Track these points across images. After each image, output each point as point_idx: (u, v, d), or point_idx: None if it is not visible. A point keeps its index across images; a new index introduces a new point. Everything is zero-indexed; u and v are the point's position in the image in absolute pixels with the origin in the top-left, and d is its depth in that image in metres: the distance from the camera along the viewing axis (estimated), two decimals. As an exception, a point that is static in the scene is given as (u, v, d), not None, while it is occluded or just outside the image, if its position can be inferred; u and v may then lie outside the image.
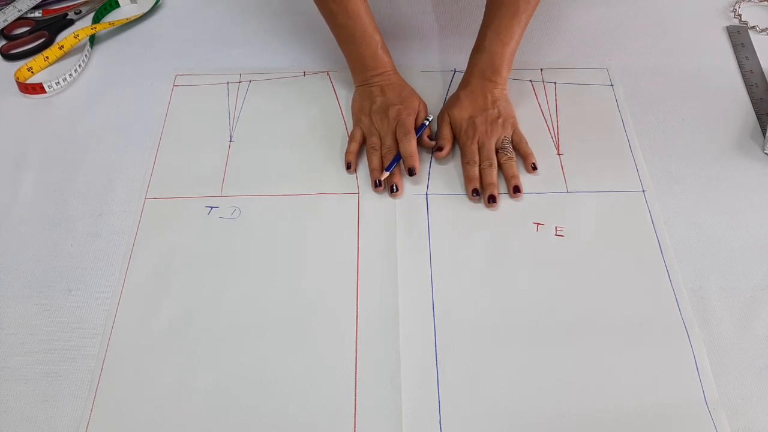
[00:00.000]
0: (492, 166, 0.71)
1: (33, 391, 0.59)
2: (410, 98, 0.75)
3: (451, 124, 0.75)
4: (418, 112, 0.75)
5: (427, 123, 0.75)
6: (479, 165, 0.71)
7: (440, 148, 0.73)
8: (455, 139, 0.75)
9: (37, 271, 0.67)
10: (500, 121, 0.73)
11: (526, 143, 0.74)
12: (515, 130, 0.74)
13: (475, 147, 0.72)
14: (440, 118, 0.76)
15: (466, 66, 0.77)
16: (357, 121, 0.76)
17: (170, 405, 0.58)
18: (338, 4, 0.72)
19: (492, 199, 0.69)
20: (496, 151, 0.72)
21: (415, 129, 0.73)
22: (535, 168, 0.72)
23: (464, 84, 0.76)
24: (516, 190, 0.70)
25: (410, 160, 0.70)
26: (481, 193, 0.70)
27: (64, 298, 0.64)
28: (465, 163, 0.72)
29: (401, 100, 0.74)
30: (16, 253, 0.68)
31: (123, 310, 0.63)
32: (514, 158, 0.72)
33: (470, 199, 0.70)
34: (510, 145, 0.73)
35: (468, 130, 0.73)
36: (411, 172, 0.70)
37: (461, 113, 0.74)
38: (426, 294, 0.64)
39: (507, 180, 0.71)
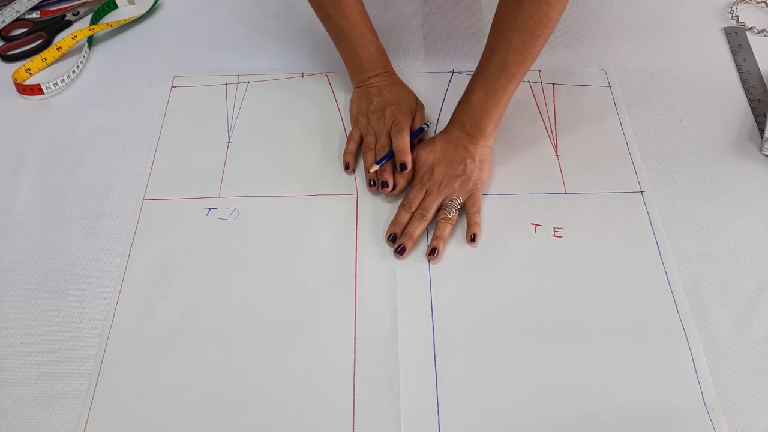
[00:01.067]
0: (423, 218, 0.67)
1: (31, 393, 0.59)
2: (407, 98, 0.75)
3: (414, 162, 0.71)
4: (416, 111, 0.75)
5: (426, 128, 0.74)
6: (413, 213, 0.68)
7: (393, 185, 0.70)
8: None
9: (35, 272, 0.66)
10: (460, 180, 0.69)
11: (476, 212, 0.68)
12: (473, 195, 0.68)
13: (420, 195, 0.68)
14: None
15: (464, 67, 0.76)
16: (355, 122, 0.76)
17: (169, 406, 0.58)
18: (334, 7, 0.72)
19: (401, 250, 0.65)
20: (440, 208, 0.68)
21: (412, 132, 0.73)
22: (473, 240, 0.66)
23: (444, 131, 0.72)
24: (432, 252, 0.65)
25: (401, 155, 0.70)
26: (397, 239, 0.67)
27: (62, 299, 0.64)
28: (401, 206, 0.68)
29: (398, 100, 0.74)
30: (15, 254, 0.68)
31: (121, 312, 0.63)
32: (453, 221, 0.67)
33: (386, 242, 0.67)
34: (456, 207, 0.67)
35: (424, 175, 0.69)
36: (402, 167, 0.69)
37: (427, 157, 0.70)
38: (425, 295, 0.64)
39: (432, 238, 0.67)
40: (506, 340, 0.61)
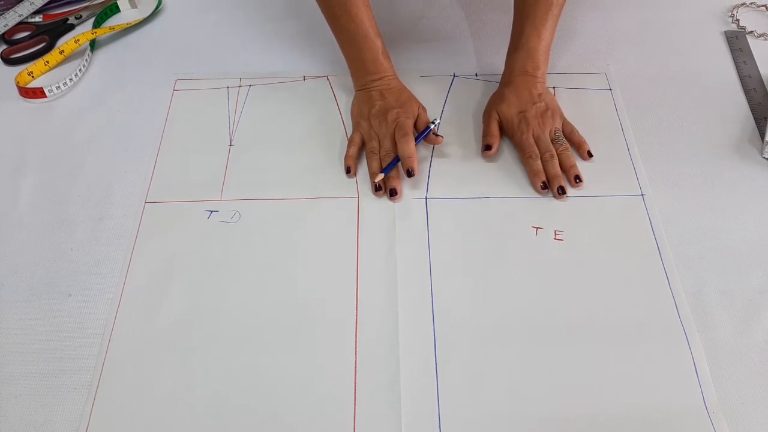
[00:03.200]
0: (553, 157, 0.71)
1: (32, 395, 0.59)
2: (409, 102, 0.75)
3: (500, 120, 0.75)
4: (418, 116, 0.75)
5: (432, 127, 0.74)
6: (541, 157, 0.72)
7: (489, 147, 0.73)
8: (502, 137, 0.76)
9: (36, 274, 0.67)
10: (549, 113, 0.74)
11: (577, 132, 0.75)
12: (564, 121, 0.75)
13: (532, 140, 0.72)
14: (487, 115, 0.77)
15: (464, 71, 0.77)
16: (356, 126, 0.76)
17: (170, 409, 0.58)
18: (342, 8, 0.73)
19: (561, 191, 0.70)
20: (551, 142, 0.73)
21: (419, 133, 0.73)
22: (590, 155, 0.73)
23: (506, 82, 0.77)
24: (577, 179, 0.71)
25: (408, 161, 0.70)
26: (548, 185, 0.71)
27: (63, 301, 0.64)
28: (527, 157, 0.72)
29: (400, 104, 0.74)
30: (16, 257, 0.68)
31: (123, 314, 0.63)
32: (570, 148, 0.73)
33: (539, 192, 0.71)
34: (563, 136, 0.73)
35: (521, 124, 0.73)
36: (409, 174, 0.70)
37: (510, 109, 0.74)
38: (425, 298, 0.64)
39: (566, 171, 0.71)
40: (507, 343, 0.61)
